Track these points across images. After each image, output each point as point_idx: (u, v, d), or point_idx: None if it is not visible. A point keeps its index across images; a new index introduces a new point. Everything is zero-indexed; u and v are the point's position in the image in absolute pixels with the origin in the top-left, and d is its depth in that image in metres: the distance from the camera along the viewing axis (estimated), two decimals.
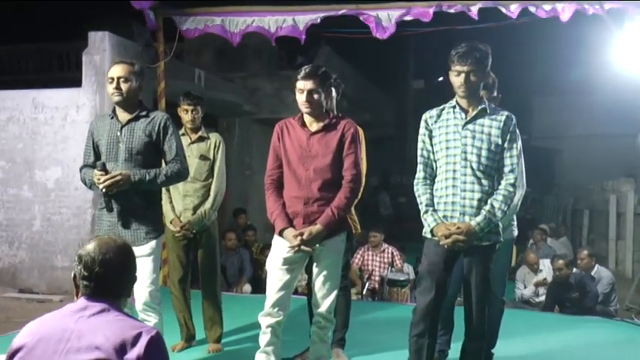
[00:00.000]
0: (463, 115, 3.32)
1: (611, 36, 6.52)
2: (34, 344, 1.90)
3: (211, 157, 4.66)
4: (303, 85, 3.47)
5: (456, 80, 3.30)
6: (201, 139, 4.70)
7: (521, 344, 4.83)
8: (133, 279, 2.13)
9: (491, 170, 3.31)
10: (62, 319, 1.95)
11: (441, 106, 3.47)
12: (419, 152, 3.51)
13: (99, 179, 3.47)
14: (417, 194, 3.47)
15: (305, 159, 3.50)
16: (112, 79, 3.63)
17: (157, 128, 3.68)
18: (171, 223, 4.51)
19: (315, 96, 3.47)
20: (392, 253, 8.13)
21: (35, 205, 7.76)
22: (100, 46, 7.62)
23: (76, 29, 7.85)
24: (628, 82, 8.09)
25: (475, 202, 3.27)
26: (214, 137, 4.75)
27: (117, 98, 3.64)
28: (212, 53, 12.76)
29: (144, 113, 3.72)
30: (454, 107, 3.38)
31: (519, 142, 3.49)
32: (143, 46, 7.91)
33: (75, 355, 1.87)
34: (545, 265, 8.10)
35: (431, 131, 3.44)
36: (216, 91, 10.32)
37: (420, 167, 3.48)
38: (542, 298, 7.70)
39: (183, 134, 4.60)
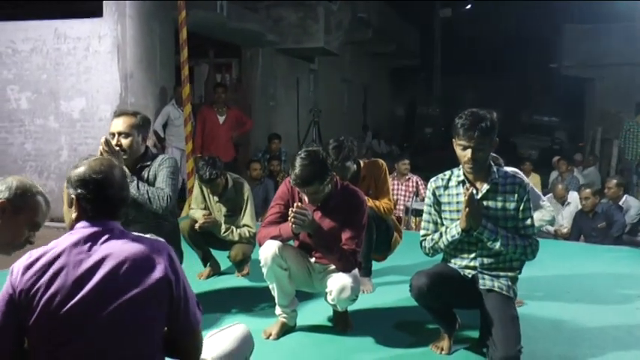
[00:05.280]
0: (474, 191, 3.03)
1: None
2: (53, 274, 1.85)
3: (241, 210, 4.61)
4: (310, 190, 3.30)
5: (462, 154, 3.03)
6: (226, 200, 4.64)
7: (543, 271, 4.83)
8: (127, 198, 2.09)
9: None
10: (72, 250, 1.89)
11: (447, 175, 3.22)
12: (425, 216, 3.29)
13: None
14: (427, 246, 3.23)
15: None
16: (113, 134, 3.49)
17: (157, 170, 3.57)
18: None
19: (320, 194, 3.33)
20: (417, 183, 8.11)
21: (62, 135, 7.86)
22: None
23: None
24: None
25: (492, 252, 3.10)
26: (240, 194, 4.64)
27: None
28: None
29: (147, 163, 3.59)
30: (463, 182, 3.13)
31: (532, 199, 3.29)
32: None
33: (126, 279, 1.86)
34: (573, 196, 7.99)
35: (439, 203, 3.21)
36: (239, 21, 10.13)
37: (425, 229, 3.27)
38: (566, 230, 7.65)
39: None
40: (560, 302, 4.26)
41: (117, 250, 1.90)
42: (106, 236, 1.93)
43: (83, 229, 1.94)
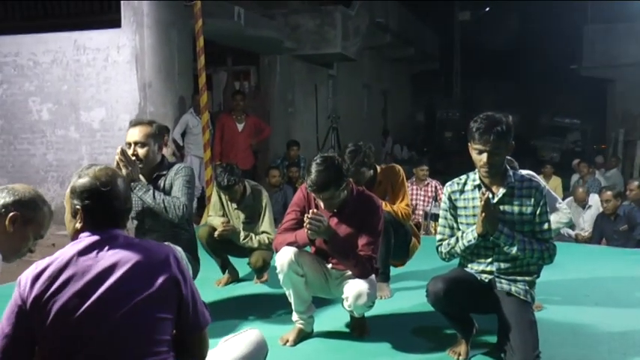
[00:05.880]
0: (490, 196, 3.01)
1: None
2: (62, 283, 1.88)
3: (259, 217, 4.63)
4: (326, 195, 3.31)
5: (478, 159, 3.01)
6: (245, 207, 4.66)
7: (563, 275, 4.79)
8: (129, 208, 2.14)
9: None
10: (79, 258, 1.92)
11: (463, 180, 3.21)
12: (441, 221, 3.28)
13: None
14: (443, 250, 3.21)
15: None
16: (129, 144, 3.52)
17: (173, 179, 3.58)
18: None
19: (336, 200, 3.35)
20: (435, 187, 8.08)
21: (82, 145, 7.98)
22: None
23: None
24: None
25: (509, 256, 3.08)
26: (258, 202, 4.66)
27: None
28: None
29: (164, 172, 3.61)
30: (479, 186, 3.11)
31: (548, 202, 3.25)
32: None
33: (135, 282, 1.90)
34: (594, 199, 7.89)
35: (455, 207, 3.19)
36: (257, 29, 10.21)
37: (440, 234, 3.26)
38: (587, 234, 7.56)
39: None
40: (580, 306, 4.22)
41: (124, 255, 1.93)
42: (112, 243, 1.97)
43: (88, 237, 1.97)
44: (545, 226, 3.08)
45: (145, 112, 7.65)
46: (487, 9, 25.33)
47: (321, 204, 3.38)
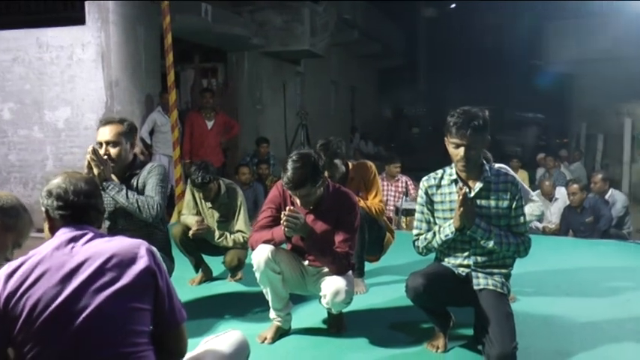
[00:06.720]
0: (467, 190, 3.03)
1: None
2: (37, 277, 1.88)
3: (234, 215, 4.58)
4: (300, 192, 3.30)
5: (455, 153, 3.03)
6: (219, 206, 4.61)
7: (533, 267, 4.86)
8: (102, 210, 2.18)
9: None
10: (54, 253, 1.94)
11: (440, 174, 3.21)
12: (418, 215, 3.29)
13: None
14: (420, 245, 3.22)
15: None
16: (100, 143, 3.46)
17: (146, 178, 3.54)
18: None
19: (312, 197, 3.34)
20: (406, 183, 8.13)
21: (47, 145, 7.80)
22: None
23: None
24: None
25: (485, 250, 3.11)
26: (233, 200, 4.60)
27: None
28: None
29: (136, 171, 3.56)
30: (455, 181, 3.13)
31: (523, 194, 3.30)
32: None
33: (111, 273, 1.90)
34: (561, 192, 8.05)
35: (432, 202, 3.21)
36: (224, 25, 10.11)
37: (417, 228, 3.28)
38: (554, 226, 7.70)
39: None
40: (551, 297, 4.30)
41: (99, 248, 1.96)
42: (86, 238, 1.99)
43: (64, 234, 2.00)
44: (521, 219, 3.12)
45: (111, 111, 7.51)
46: (452, 5, 25.59)
47: (298, 201, 3.37)
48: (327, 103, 17.34)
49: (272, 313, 3.50)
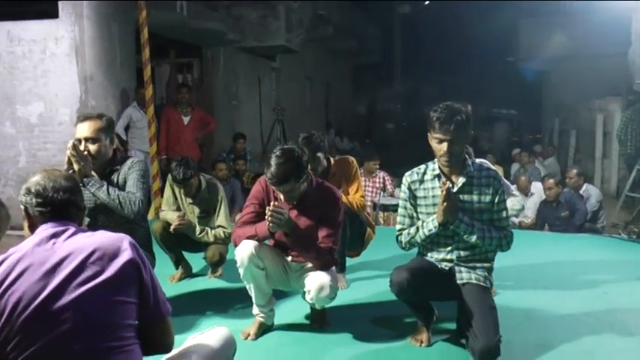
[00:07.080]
0: (450, 185, 3.04)
1: None
2: (19, 273, 1.85)
3: (215, 210, 4.54)
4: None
5: (438, 148, 3.03)
6: (200, 201, 4.56)
7: (512, 261, 4.90)
8: (83, 207, 2.15)
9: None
10: (36, 249, 1.91)
11: (423, 169, 3.22)
12: (401, 210, 3.28)
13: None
14: (404, 240, 3.23)
15: None
16: (80, 140, 3.40)
17: (126, 174, 3.49)
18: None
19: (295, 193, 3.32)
20: (383, 178, 8.16)
21: (19, 141, 7.65)
22: None
23: None
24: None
25: (468, 244, 3.13)
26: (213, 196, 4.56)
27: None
28: None
29: (117, 167, 3.52)
30: (438, 176, 3.14)
31: (504, 188, 3.31)
32: None
33: (94, 267, 1.88)
34: (537, 187, 8.14)
35: (415, 197, 3.20)
36: (200, 20, 10.02)
37: (400, 223, 3.27)
38: (530, 221, 7.79)
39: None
40: (531, 290, 4.35)
41: (81, 242, 1.94)
42: (68, 233, 1.97)
43: (44, 230, 1.97)
44: (503, 214, 3.14)
45: (86, 106, 7.39)
46: (427, 2, 25.71)
47: (281, 196, 3.35)
48: (302, 98, 17.33)
49: (255, 309, 3.48)
